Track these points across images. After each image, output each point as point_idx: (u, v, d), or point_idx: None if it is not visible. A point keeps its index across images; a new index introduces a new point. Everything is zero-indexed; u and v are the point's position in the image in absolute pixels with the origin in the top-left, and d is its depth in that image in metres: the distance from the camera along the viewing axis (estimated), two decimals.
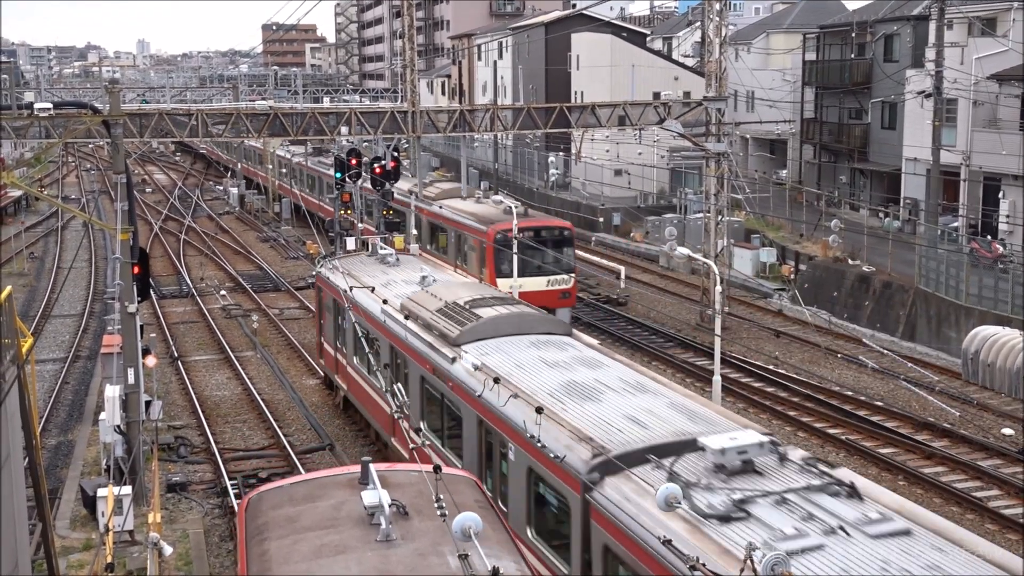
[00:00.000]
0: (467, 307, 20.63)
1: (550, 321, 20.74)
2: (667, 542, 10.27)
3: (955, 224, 43.67)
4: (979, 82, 44.16)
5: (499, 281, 34.11)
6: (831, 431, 27.04)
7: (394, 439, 22.63)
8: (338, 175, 37.27)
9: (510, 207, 35.74)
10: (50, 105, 26.40)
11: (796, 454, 13.16)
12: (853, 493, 11.70)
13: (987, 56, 44.58)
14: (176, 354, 35.69)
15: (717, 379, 26.21)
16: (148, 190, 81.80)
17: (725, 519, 11.22)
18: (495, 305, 20.66)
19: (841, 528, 10.82)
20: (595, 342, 20.04)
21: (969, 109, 45.02)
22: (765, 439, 12.77)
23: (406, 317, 21.75)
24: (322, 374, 31.09)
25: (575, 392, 16.06)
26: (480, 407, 17.09)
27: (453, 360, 18.71)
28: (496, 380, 16.52)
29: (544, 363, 17.68)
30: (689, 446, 13.14)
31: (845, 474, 12.40)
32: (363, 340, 23.49)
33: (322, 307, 29.59)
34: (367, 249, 30.82)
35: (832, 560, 10.32)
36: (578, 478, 13.33)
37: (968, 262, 34.87)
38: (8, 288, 14.41)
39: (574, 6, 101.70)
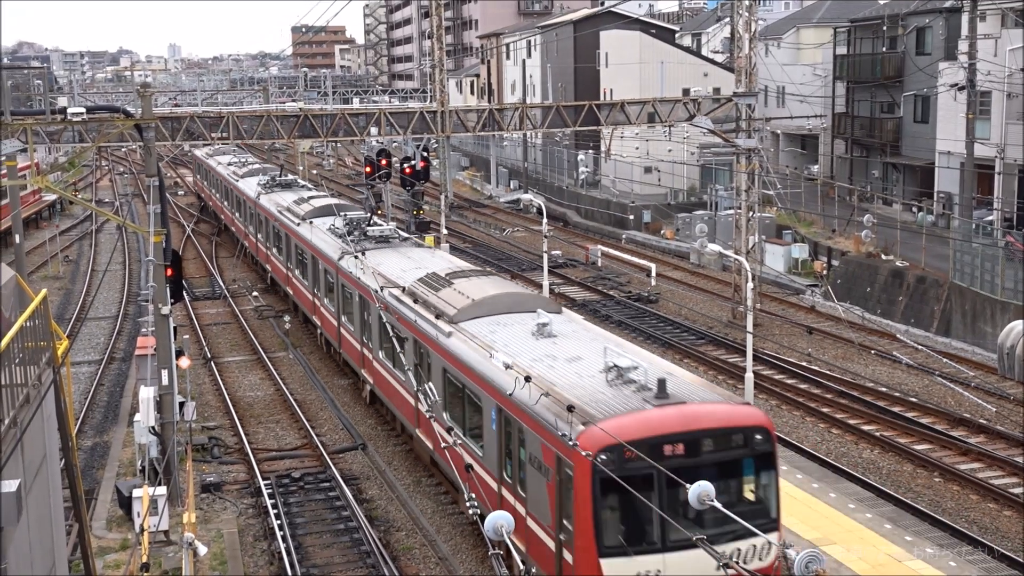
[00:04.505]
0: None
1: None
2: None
3: (990, 218, 43.21)
4: (1013, 74, 43.66)
5: None
6: (865, 428, 26.85)
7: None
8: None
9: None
10: (83, 110, 26.56)
11: None
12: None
13: (1021, 47, 44.06)
14: (209, 355, 35.93)
15: (749, 376, 26.10)
16: (180, 192, 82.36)
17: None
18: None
19: None
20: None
21: (1003, 101, 44.53)
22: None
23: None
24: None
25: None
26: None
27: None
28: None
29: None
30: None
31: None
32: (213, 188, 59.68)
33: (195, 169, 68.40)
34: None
35: None
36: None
37: (1003, 256, 34.51)
38: (43, 291, 14.56)
39: (602, 3, 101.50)
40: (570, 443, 14.72)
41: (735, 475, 15.95)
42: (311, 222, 36.09)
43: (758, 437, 15.76)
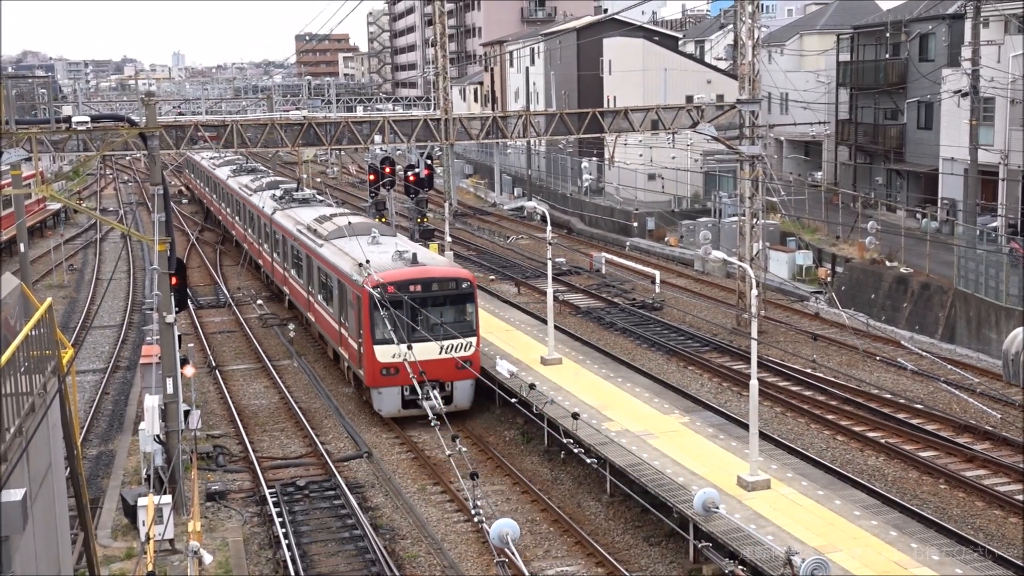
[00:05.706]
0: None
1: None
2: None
3: (994, 224, 43.19)
4: (1016, 80, 43.67)
5: None
6: (870, 434, 26.80)
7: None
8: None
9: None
10: (88, 118, 26.70)
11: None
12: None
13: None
14: (214, 363, 35.97)
15: (754, 383, 25.98)
16: (184, 201, 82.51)
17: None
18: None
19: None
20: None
21: (1007, 107, 44.55)
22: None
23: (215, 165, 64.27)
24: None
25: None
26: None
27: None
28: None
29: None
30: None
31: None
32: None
33: (184, 163, 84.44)
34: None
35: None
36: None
37: (1008, 262, 34.49)
38: (48, 300, 14.61)
39: (606, 11, 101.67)
40: (361, 285, 28.16)
41: (450, 304, 29.24)
42: (260, 193, 48.74)
43: (464, 284, 29.36)
